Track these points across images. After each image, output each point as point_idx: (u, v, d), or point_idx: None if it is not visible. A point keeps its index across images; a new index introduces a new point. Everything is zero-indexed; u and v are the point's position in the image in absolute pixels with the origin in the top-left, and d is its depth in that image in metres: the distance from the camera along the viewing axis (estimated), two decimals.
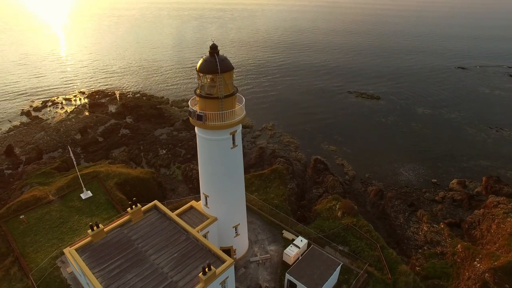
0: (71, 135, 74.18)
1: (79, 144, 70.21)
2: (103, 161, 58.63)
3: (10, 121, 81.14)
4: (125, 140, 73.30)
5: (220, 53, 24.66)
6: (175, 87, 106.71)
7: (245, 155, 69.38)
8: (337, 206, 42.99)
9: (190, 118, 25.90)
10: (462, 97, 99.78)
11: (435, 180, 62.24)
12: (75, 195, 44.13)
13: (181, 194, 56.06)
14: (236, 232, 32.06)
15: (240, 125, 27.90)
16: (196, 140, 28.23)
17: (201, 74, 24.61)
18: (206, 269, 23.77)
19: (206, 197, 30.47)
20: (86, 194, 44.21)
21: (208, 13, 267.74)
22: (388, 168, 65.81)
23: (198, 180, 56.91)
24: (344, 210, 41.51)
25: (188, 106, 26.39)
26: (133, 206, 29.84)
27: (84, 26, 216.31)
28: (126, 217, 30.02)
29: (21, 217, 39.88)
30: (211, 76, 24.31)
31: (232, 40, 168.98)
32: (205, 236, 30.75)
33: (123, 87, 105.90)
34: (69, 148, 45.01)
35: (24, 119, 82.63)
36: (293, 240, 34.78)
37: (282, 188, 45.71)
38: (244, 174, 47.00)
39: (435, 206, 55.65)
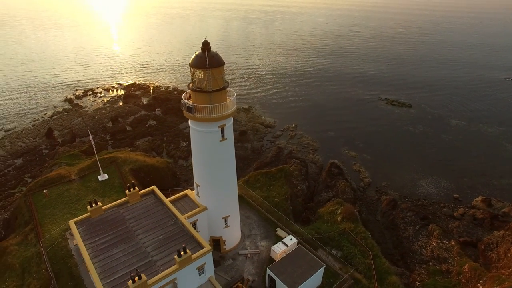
0: (103, 122, 79.80)
1: (109, 132, 75.36)
2: (125, 149, 62.58)
3: (55, 107, 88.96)
4: (151, 131, 77.39)
5: (259, 55, 26.10)
6: None
7: (262, 153, 70.58)
8: (339, 210, 42.52)
9: (183, 110, 27.42)
10: (505, 111, 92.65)
11: (457, 196, 58.89)
12: (93, 177, 47.82)
13: (193, 185, 58.25)
14: (226, 224, 33.16)
15: (231, 119, 28.97)
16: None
17: (192, 69, 26.03)
18: (182, 252, 25.17)
19: (197, 186, 31.92)
20: (102, 177, 47.72)
21: (251, 14, 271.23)
22: (407, 178, 63.32)
23: None
24: (344, 215, 40.99)
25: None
26: (131, 189, 32.06)
27: (134, 23, 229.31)
28: (125, 198, 32.34)
29: (44, 191, 44.13)
30: (201, 70, 25.62)
31: (271, 41, 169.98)
32: (194, 223, 32.23)
33: (158, 81, 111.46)
34: (89, 133, 48.80)
35: (67, 106, 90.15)
36: (284, 238, 35.17)
37: (285, 188, 46.03)
38: (255, 172, 47.96)
39: (451, 222, 52.79)
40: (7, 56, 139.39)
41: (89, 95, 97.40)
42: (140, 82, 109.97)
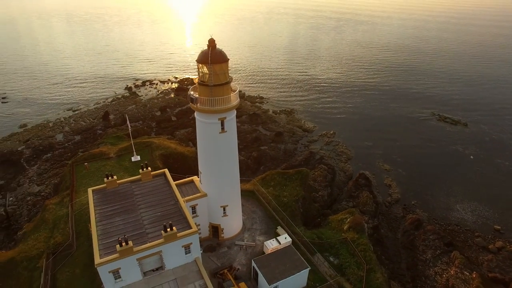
0: (153, 111, 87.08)
1: (156, 120, 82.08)
2: (164, 136, 67.88)
3: (115, 94, 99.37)
4: (193, 123, 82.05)
5: (313, 61, 28.16)
6: (255, 83, 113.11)
7: (293, 155, 71.07)
8: (348, 219, 41.71)
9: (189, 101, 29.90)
10: None
11: (499, 227, 53.26)
12: (128, 157, 53.15)
13: None
14: (224, 212, 34.99)
15: (233, 114, 30.72)
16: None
17: (197, 64, 28.34)
18: (168, 229, 27.62)
19: (200, 173, 34.23)
20: (135, 158, 52.79)
21: (316, 20, 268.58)
22: (442, 200, 58.86)
23: None
24: (351, 224, 40.12)
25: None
26: (144, 169, 35.55)
27: (203, 23, 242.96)
28: (138, 176, 35.95)
29: (85, 164, 50.41)
30: (204, 65, 27.80)
31: (328, 48, 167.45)
32: (194, 207, 34.64)
33: None
34: (127, 117, 54.23)
35: (126, 93, 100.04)
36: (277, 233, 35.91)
37: (298, 189, 46.29)
38: (273, 171, 49.11)
39: (483, 254, 48.11)
40: (86, 47, 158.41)
41: (147, 85, 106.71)
42: (193, 77, 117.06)
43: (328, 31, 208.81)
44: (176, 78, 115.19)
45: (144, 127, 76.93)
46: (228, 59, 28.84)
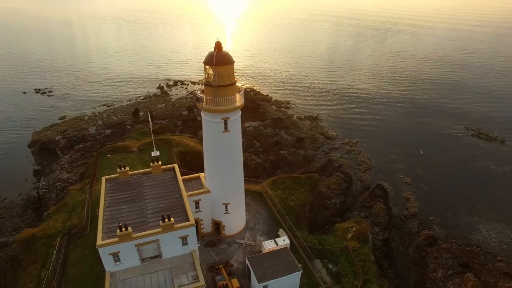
0: (180, 110, 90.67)
1: (182, 118, 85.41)
2: (186, 135, 70.54)
3: (148, 92, 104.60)
4: None
5: (348, 70, 29.41)
6: (284, 89, 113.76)
7: (311, 162, 70.87)
8: (353, 228, 41.13)
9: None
10: None
11: None
12: (148, 152, 55.97)
13: None
14: (226, 210, 36.07)
15: (236, 114, 31.75)
16: None
17: (204, 65, 29.84)
18: (166, 219, 29.17)
19: (205, 170, 35.63)
20: (154, 153, 54.92)
21: (358, 29, 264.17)
22: (464, 219, 55.94)
23: (253, 169, 62.27)
24: (355, 233, 39.55)
25: None
26: (154, 163, 37.61)
27: (244, 26, 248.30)
28: (149, 169, 38.08)
29: (108, 155, 53.89)
30: (209, 67, 29.22)
31: (365, 57, 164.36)
32: (197, 202, 36.06)
33: (242, 81, 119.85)
34: (149, 114, 57.08)
35: (157, 92, 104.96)
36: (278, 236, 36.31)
37: (306, 194, 46.25)
38: (285, 174, 49.58)
39: (504, 280, 45.23)
40: (126, 48, 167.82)
41: (178, 86, 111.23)
42: None
43: (366, 39, 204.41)
44: None
45: (170, 125, 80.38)
46: (233, 61, 30.00)
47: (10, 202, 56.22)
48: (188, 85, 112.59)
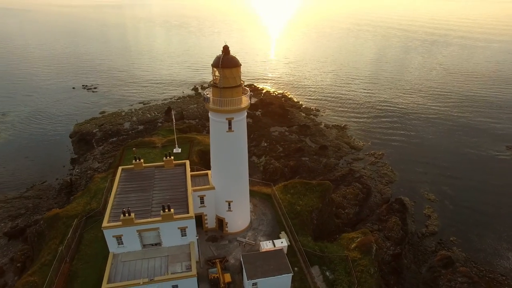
0: None
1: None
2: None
3: (183, 93, 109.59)
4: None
5: (386, 84, 30.39)
6: (315, 96, 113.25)
7: (332, 170, 70.19)
8: (359, 239, 40.46)
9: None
10: None
11: None
12: (170, 148, 59.08)
13: (251, 179, 63.75)
14: (229, 208, 37.36)
15: (241, 115, 33.06)
16: None
17: (212, 67, 31.57)
18: (166, 209, 31.11)
19: (211, 167, 37.26)
20: (176, 150, 58.48)
21: (404, 40, 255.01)
22: (490, 243, 52.22)
23: (271, 173, 63.04)
24: (358, 244, 38.90)
25: None
26: (167, 157, 39.98)
27: (286, 33, 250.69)
28: (162, 163, 40.53)
29: (133, 149, 57.68)
30: (216, 69, 30.89)
31: (410, 68, 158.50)
32: (202, 198, 37.74)
33: (274, 86, 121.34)
34: (172, 112, 60.26)
35: (192, 93, 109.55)
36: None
37: (315, 201, 46.12)
38: (297, 180, 49.93)
39: None
40: (168, 51, 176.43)
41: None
42: (256, 84, 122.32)
43: (411, 51, 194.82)
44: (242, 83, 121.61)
45: (198, 125, 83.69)
46: (240, 64, 31.43)
47: (48, 185, 62.11)
48: None
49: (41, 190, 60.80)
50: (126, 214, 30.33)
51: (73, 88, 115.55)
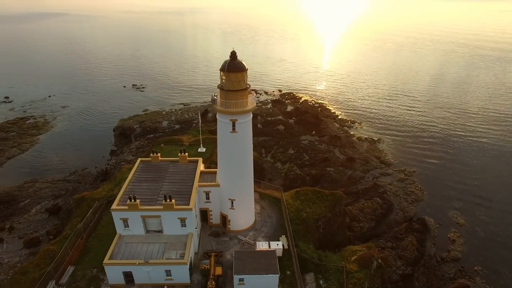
0: None
1: None
2: None
3: None
4: (274, 133, 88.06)
5: (437, 103, 31.68)
6: (354, 108, 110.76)
7: (355, 183, 68.84)
8: (360, 252, 39.66)
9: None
10: None
11: None
12: (196, 147, 62.43)
13: (271, 183, 64.75)
14: (232, 206, 39.00)
15: (245, 118, 34.58)
16: None
17: (220, 72, 33.76)
18: (168, 200, 33.68)
19: (217, 165, 39.30)
20: (201, 149, 61.66)
21: (470, 58, 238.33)
22: None
23: (291, 180, 63.49)
24: (358, 257, 38.14)
25: None
26: (181, 153, 42.89)
27: (346, 45, 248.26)
28: (177, 158, 43.51)
29: (161, 145, 61.98)
30: (223, 73, 33.01)
31: (471, 93, 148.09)
32: (208, 194, 39.85)
33: (312, 96, 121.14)
34: (199, 114, 63.46)
35: None
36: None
37: (324, 210, 45.90)
38: (310, 187, 50.09)
39: None
40: (217, 56, 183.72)
41: (256, 94, 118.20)
42: (295, 93, 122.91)
43: (469, 67, 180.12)
44: (280, 91, 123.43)
45: None
46: (245, 69, 33.17)
47: (87, 172, 68.97)
48: (261, 94, 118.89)
49: (81, 175, 67.69)
50: (132, 200, 33.42)
51: (124, 87, 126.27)
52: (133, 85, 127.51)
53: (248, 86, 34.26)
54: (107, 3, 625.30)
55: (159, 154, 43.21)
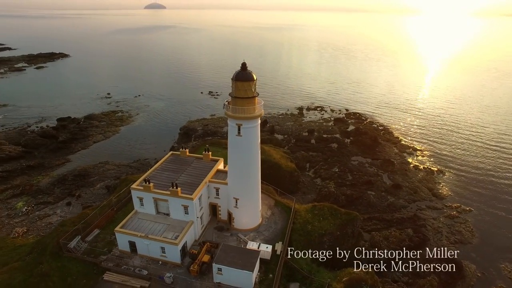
0: (302, 130, 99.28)
1: (297, 137, 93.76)
2: (282, 149, 78.08)
3: (287, 110, 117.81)
4: (325, 150, 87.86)
5: None
6: (423, 136, 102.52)
7: (394, 211, 65.52)
8: (353, 275, 38.62)
9: None
10: None
11: None
12: None
13: (303, 196, 65.80)
14: (236, 204, 42.24)
15: (250, 123, 37.73)
16: None
17: (231, 80, 37.84)
18: (174, 187, 38.82)
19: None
20: None
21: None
22: None
23: (324, 196, 63.73)
24: (348, 279, 37.29)
25: None
26: (205, 152, 48.04)
27: (449, 72, 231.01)
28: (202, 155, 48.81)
29: (207, 145, 68.34)
30: (233, 82, 37.02)
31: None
32: (217, 190, 43.82)
33: (376, 118, 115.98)
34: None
35: (294, 112, 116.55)
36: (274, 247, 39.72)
37: (333, 227, 45.38)
38: (328, 204, 50.62)
39: None
40: (292, 72, 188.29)
41: (317, 110, 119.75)
42: (362, 114, 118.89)
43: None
44: (347, 110, 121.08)
45: (283, 140, 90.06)
46: (253, 79, 36.58)
47: (147, 162, 79.74)
48: (326, 111, 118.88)
49: (142, 164, 78.71)
50: (147, 183, 39.51)
51: (201, 92, 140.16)
52: (209, 92, 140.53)
53: (256, 94, 37.47)
54: (211, 18, 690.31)
55: (187, 150, 49.14)
